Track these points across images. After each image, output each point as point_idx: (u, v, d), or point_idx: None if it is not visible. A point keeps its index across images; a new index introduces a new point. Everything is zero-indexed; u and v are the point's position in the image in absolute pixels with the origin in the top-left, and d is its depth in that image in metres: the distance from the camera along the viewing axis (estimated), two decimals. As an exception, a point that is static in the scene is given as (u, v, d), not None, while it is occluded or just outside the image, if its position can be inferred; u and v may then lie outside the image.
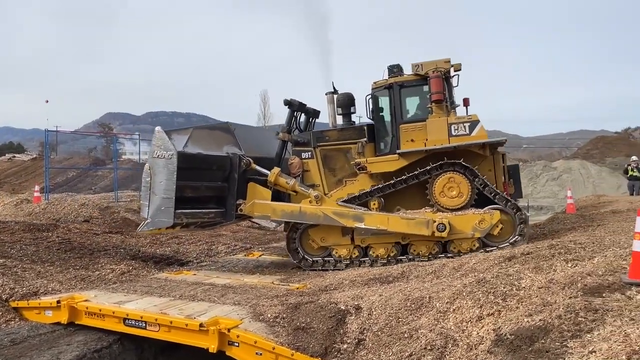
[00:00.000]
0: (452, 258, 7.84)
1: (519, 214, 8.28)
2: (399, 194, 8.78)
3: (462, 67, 8.87)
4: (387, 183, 8.65)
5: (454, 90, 9.12)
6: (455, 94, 9.22)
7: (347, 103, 9.68)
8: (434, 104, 8.54)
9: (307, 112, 10.01)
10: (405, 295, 5.50)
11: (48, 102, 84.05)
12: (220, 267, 9.78)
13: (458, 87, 9.05)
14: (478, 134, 8.37)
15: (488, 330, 4.30)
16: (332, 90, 9.63)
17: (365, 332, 5.10)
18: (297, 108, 9.68)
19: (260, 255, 10.87)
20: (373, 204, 8.69)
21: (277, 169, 9.14)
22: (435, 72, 8.56)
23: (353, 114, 9.86)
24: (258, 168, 9.24)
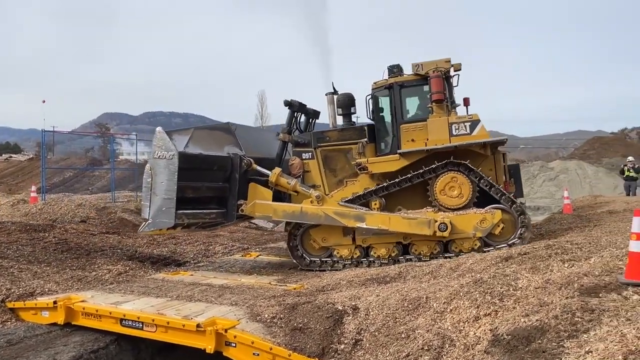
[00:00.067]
0: (451, 258, 7.83)
1: (522, 217, 8.27)
2: (400, 194, 8.78)
3: (462, 67, 8.88)
4: (392, 182, 8.62)
5: (454, 90, 9.13)
6: (456, 94, 9.24)
7: (347, 103, 9.68)
8: (435, 104, 8.56)
9: (307, 112, 10.02)
10: (403, 296, 5.50)
11: (45, 102, 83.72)
12: (218, 267, 9.77)
13: (458, 87, 9.08)
14: (479, 134, 8.37)
15: (485, 331, 4.31)
16: (332, 91, 9.64)
17: (363, 332, 5.10)
18: (297, 109, 9.69)
19: (258, 256, 10.87)
20: (374, 204, 8.69)
21: (278, 170, 9.15)
22: (436, 72, 8.57)
23: (353, 115, 9.86)
24: (259, 168, 9.24)
